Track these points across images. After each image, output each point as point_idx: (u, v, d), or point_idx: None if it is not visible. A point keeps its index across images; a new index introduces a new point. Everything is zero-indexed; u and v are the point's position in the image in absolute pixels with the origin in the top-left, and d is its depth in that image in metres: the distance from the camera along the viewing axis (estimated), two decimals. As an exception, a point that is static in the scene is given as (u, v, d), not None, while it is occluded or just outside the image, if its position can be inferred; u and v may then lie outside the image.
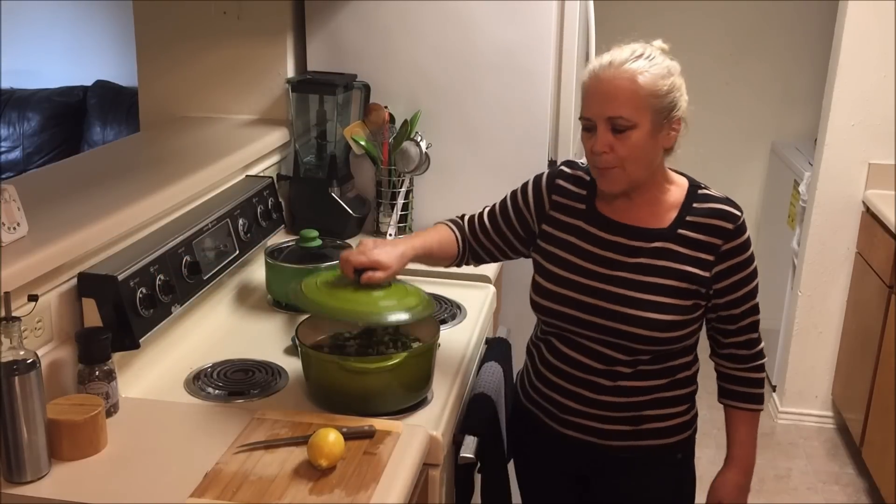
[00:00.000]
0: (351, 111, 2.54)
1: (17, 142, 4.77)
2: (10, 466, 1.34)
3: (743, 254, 1.64)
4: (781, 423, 3.62)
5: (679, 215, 1.64)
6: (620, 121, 1.55)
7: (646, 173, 1.62)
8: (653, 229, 1.64)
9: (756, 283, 1.68)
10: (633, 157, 1.57)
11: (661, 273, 1.62)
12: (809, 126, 4.04)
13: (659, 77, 1.55)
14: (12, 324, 1.30)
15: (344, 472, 1.39)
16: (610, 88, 1.55)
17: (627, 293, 1.63)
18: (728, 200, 1.66)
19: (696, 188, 1.67)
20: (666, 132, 1.59)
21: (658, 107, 1.56)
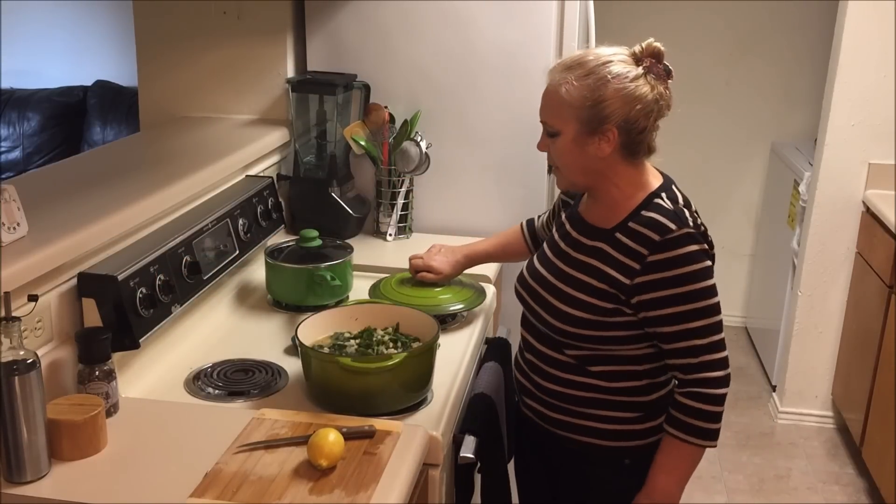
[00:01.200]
0: (351, 111, 2.54)
1: (17, 142, 4.77)
2: (10, 466, 1.34)
3: (672, 270, 1.55)
4: (781, 423, 3.62)
5: (624, 220, 1.62)
6: (547, 126, 1.63)
7: (584, 178, 1.64)
8: (597, 228, 1.66)
9: (697, 308, 1.56)
10: (561, 162, 1.64)
11: (588, 271, 1.64)
12: (809, 126, 4.04)
13: (587, 89, 1.55)
14: (12, 324, 1.30)
15: (344, 472, 1.39)
16: (544, 93, 1.63)
17: (556, 283, 1.68)
18: (673, 214, 1.58)
19: (655, 196, 1.62)
20: (596, 142, 1.58)
21: (583, 117, 1.56)
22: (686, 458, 1.64)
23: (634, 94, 1.55)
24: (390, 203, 2.52)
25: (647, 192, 1.63)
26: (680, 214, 1.58)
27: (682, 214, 1.58)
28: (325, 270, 2.01)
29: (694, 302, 1.56)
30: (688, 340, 1.58)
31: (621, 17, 4.07)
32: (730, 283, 4.47)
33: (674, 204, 1.60)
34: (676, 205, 1.60)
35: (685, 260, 1.55)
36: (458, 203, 2.58)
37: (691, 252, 1.55)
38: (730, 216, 4.42)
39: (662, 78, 1.58)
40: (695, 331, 1.58)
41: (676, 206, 1.60)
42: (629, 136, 1.58)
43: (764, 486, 3.20)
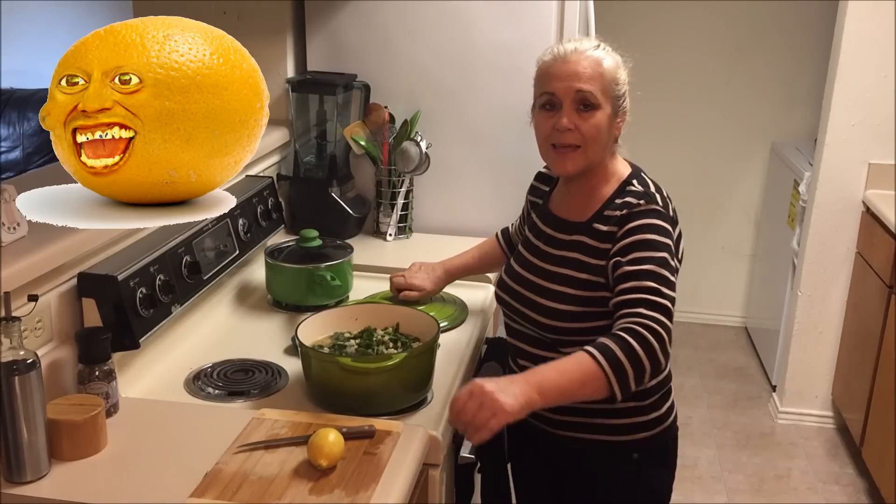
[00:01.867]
0: (351, 111, 2.54)
1: (17, 142, 4.78)
2: (10, 466, 1.34)
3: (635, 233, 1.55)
4: (781, 423, 3.62)
5: (599, 209, 1.64)
6: (590, 96, 1.60)
7: (599, 158, 1.65)
8: (573, 222, 1.67)
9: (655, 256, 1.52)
10: (593, 137, 1.62)
11: (571, 265, 1.64)
12: (809, 126, 4.04)
13: (616, 67, 1.63)
14: (12, 324, 1.30)
15: (344, 472, 1.39)
16: (578, 67, 1.61)
17: (538, 281, 1.68)
18: (643, 194, 1.61)
19: (626, 183, 1.66)
20: (618, 122, 1.65)
21: (615, 94, 1.63)
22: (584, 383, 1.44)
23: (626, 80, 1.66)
24: (390, 203, 2.52)
25: (617, 178, 1.67)
26: (650, 195, 1.61)
27: (652, 196, 1.61)
28: (325, 270, 2.01)
29: (653, 250, 1.53)
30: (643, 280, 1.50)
31: (621, 17, 4.07)
32: (730, 283, 4.47)
33: (644, 187, 1.64)
34: (647, 188, 1.64)
35: (647, 226, 1.56)
36: (458, 203, 2.58)
37: (654, 223, 1.57)
38: (730, 216, 4.42)
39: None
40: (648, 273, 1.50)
41: (647, 189, 1.64)
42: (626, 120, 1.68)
43: (764, 486, 3.20)
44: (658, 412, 1.70)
